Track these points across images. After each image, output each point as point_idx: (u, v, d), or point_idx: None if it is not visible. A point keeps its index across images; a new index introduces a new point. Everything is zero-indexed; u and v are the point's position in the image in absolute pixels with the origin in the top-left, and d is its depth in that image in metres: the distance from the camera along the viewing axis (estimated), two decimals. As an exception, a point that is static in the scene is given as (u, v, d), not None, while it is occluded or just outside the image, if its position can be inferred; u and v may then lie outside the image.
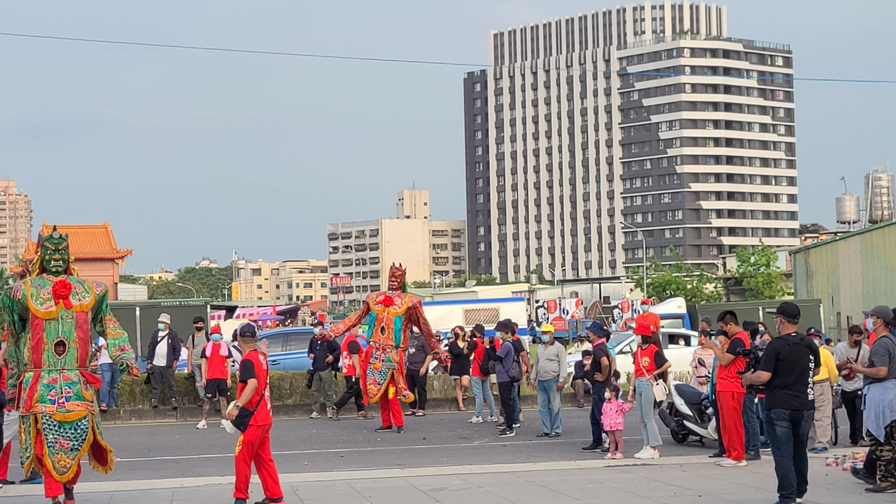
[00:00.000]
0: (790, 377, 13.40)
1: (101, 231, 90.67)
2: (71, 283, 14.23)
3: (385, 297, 24.20)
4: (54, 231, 14.51)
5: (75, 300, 14.15)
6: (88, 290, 14.31)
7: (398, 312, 23.94)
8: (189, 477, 17.26)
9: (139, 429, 26.07)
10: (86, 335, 14.20)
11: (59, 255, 14.34)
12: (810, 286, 66.40)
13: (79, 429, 13.94)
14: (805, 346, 13.60)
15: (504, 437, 22.70)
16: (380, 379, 23.60)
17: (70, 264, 14.47)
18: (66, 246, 14.41)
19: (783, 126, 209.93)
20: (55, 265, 14.32)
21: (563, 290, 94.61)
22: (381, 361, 23.68)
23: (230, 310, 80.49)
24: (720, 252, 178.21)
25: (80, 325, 14.12)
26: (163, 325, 27.66)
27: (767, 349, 13.67)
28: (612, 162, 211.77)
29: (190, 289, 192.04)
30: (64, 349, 13.99)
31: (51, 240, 14.40)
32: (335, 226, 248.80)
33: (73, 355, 14.01)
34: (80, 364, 14.07)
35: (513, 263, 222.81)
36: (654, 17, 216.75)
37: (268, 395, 14.38)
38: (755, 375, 13.72)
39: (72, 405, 13.90)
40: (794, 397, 13.39)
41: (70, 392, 13.91)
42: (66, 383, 13.92)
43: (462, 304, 51.17)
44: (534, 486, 15.69)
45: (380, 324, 23.88)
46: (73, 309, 14.10)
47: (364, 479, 16.74)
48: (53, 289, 14.10)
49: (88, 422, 14.00)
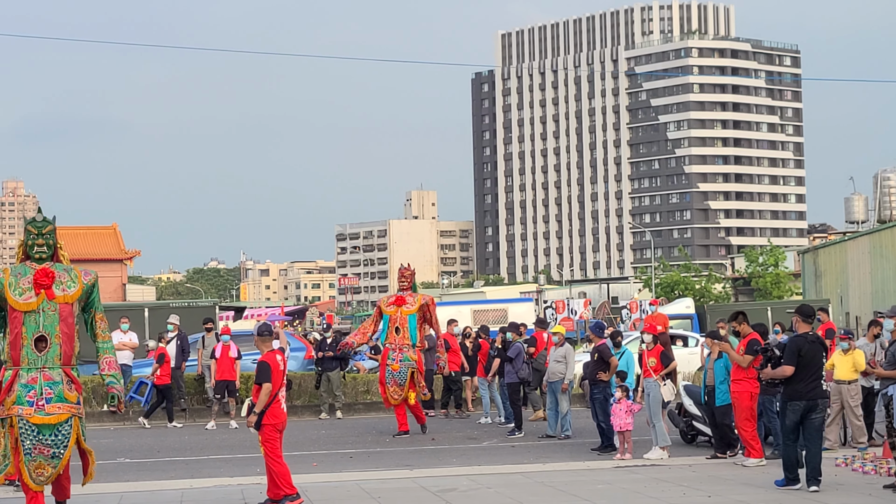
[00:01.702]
0: (808, 371, 14.86)
1: (110, 232, 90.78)
2: (54, 272, 12.75)
3: (397, 298, 23.80)
4: (38, 213, 13.00)
5: (59, 290, 12.67)
6: (75, 279, 12.82)
7: (412, 311, 23.46)
8: (198, 478, 17.27)
9: (148, 429, 26.09)
10: (71, 329, 12.70)
11: (43, 241, 12.82)
12: (819, 286, 66.33)
13: (60, 434, 12.51)
14: (819, 343, 15.19)
15: (513, 438, 22.70)
16: (400, 380, 23.07)
17: (58, 250, 12.98)
18: (53, 230, 12.88)
19: (791, 126, 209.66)
20: (38, 252, 12.81)
21: (572, 290, 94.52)
22: (398, 362, 23.17)
23: (239, 310, 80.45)
24: (728, 252, 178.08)
25: (64, 319, 12.64)
26: (172, 327, 27.70)
27: (790, 346, 15.03)
28: (620, 162, 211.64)
29: (198, 289, 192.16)
30: (45, 345, 12.53)
31: (33, 223, 12.89)
32: (343, 226, 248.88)
33: (55, 352, 12.55)
34: (63, 362, 12.61)
35: (521, 264, 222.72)
36: (662, 17, 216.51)
37: (283, 395, 14.37)
38: (780, 370, 14.98)
39: (52, 407, 12.47)
40: (812, 389, 14.88)
41: (51, 393, 12.49)
42: (47, 383, 12.49)
43: (470, 305, 51.24)
44: (543, 487, 15.68)
45: (394, 324, 23.40)
46: (57, 300, 12.61)
47: (373, 479, 16.74)
48: (34, 278, 12.64)
49: (71, 426, 12.58)
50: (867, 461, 16.73)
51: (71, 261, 13.40)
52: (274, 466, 14.12)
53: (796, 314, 15.40)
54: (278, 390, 14.20)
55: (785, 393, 15.10)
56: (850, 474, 16.17)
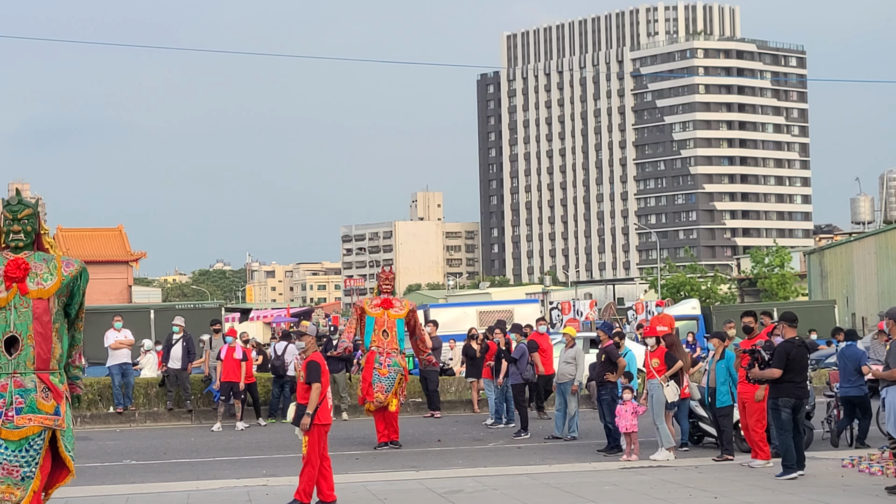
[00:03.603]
0: (796, 373, 16.18)
1: (116, 234, 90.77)
2: (28, 263, 10.97)
3: (383, 301, 22.53)
4: (16, 195, 11.22)
5: (33, 284, 10.91)
6: (53, 270, 11.02)
7: (400, 315, 22.50)
8: (204, 480, 17.30)
9: (154, 431, 26.13)
10: (47, 329, 10.89)
11: (20, 227, 11.05)
12: (825, 287, 66.27)
13: (31, 450, 10.68)
14: (805, 347, 16.61)
15: (519, 439, 22.69)
16: (387, 386, 21.82)
17: (42, 237, 11.22)
18: (32, 214, 11.12)
19: (797, 127, 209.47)
20: (15, 239, 11.04)
21: (577, 291, 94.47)
22: (386, 367, 21.96)
23: (244, 312, 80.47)
24: (734, 253, 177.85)
25: (39, 317, 10.87)
26: (177, 328, 27.70)
27: (779, 350, 16.23)
28: (625, 163, 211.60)
29: (204, 291, 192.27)
30: (16, 347, 10.76)
31: (8, 206, 11.13)
32: (349, 228, 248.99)
33: (27, 355, 10.78)
34: (38, 366, 10.82)
35: (526, 265, 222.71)
36: (668, 18, 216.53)
37: (330, 394, 14.23)
38: (769, 371, 16.20)
39: (22, 419, 10.66)
40: (799, 389, 16.26)
41: (22, 402, 10.68)
42: (19, 391, 10.71)
43: (476, 306, 51.17)
44: (549, 489, 15.67)
45: (380, 327, 22.27)
46: (30, 295, 10.88)
47: (379, 481, 16.74)
48: (5, 270, 10.90)
49: (44, 440, 10.74)
50: (874, 462, 16.70)
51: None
52: (313, 471, 13.77)
53: (781, 321, 16.62)
54: (327, 390, 14.06)
55: (774, 391, 16.25)
56: (856, 475, 16.15)
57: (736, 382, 17.78)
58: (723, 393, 18.01)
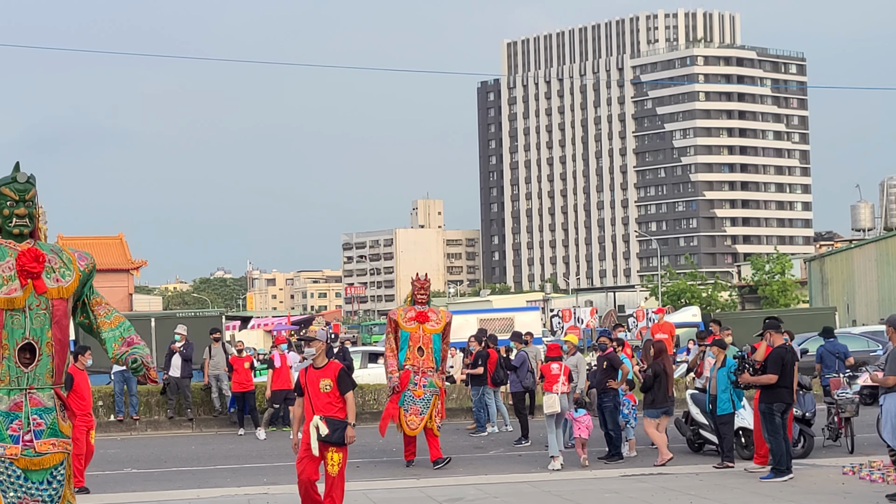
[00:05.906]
0: (787, 378, 16.63)
1: (116, 242, 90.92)
2: (44, 254, 8.95)
3: (418, 313, 20.29)
4: (16, 170, 9.05)
5: (51, 281, 8.90)
6: (69, 264, 9.06)
7: (436, 329, 20.25)
8: (205, 488, 17.29)
9: (155, 439, 26.14)
10: (65, 335, 8.96)
11: (26, 210, 8.95)
12: (825, 294, 66.31)
13: (54, 481, 8.81)
14: (793, 353, 16.93)
15: (520, 447, 22.69)
16: (422, 408, 19.84)
17: (37, 222, 9.15)
18: (35, 196, 9.08)
19: (797, 134, 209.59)
20: (19, 225, 8.93)
21: (578, 298, 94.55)
22: (422, 387, 19.89)
23: (245, 320, 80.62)
24: (735, 260, 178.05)
25: (58, 321, 8.88)
26: (179, 337, 27.74)
27: (773, 357, 16.61)
28: (626, 170, 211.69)
29: (205, 299, 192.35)
30: (33, 357, 8.77)
31: (13, 184, 8.95)
32: (349, 235, 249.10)
33: (46, 366, 8.81)
34: (55, 380, 8.89)
35: (527, 272, 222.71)
36: (668, 26, 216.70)
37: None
38: (766, 377, 16.56)
39: (44, 444, 8.75)
40: (790, 394, 16.71)
41: (41, 424, 8.77)
42: (37, 410, 8.75)
43: (477, 314, 51.16)
44: (550, 496, 15.68)
45: (416, 343, 20.05)
46: (49, 295, 8.85)
47: (380, 489, 16.75)
48: (19, 262, 8.81)
49: (66, 470, 8.90)
50: (875, 469, 16.72)
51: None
52: (343, 484, 13.11)
53: (769, 329, 16.97)
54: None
55: (768, 396, 16.62)
56: (857, 483, 16.15)
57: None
58: (723, 401, 18.03)
